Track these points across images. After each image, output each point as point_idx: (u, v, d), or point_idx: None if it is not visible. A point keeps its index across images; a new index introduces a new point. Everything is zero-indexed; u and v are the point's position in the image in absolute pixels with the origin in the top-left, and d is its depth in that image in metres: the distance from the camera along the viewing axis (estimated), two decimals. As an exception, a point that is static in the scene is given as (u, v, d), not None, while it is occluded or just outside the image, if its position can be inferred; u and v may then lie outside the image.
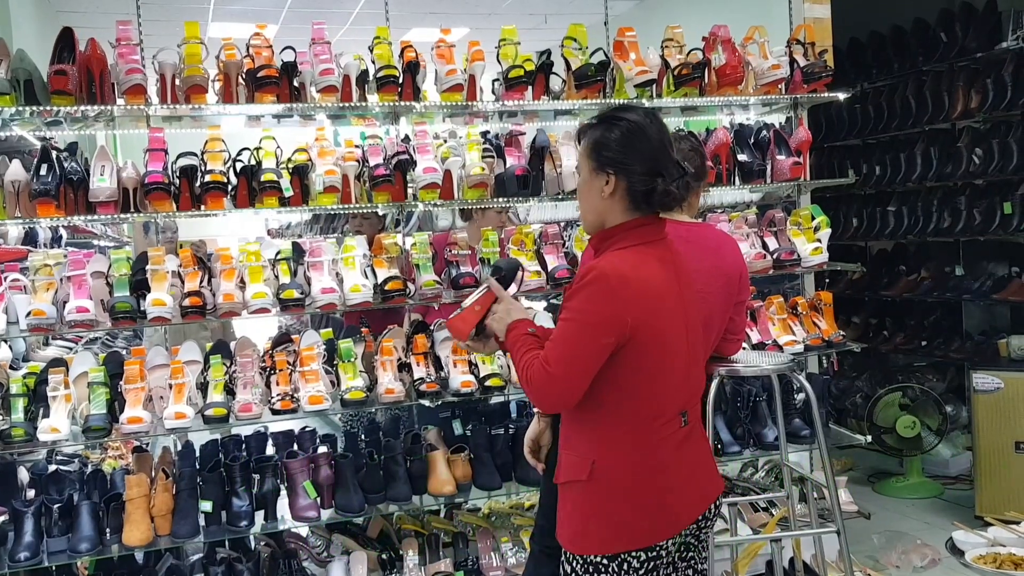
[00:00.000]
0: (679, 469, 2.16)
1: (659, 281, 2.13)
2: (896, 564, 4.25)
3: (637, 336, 2.06)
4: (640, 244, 2.14)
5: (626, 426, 2.11)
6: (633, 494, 2.10)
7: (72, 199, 3.22)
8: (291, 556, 3.44)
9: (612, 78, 3.84)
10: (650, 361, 2.10)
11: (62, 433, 3.02)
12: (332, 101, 3.46)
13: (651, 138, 2.13)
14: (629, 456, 2.11)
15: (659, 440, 2.13)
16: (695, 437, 2.25)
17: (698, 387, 2.30)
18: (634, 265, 2.10)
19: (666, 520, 2.13)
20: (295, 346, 3.42)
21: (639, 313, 2.06)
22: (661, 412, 2.13)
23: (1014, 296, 5.51)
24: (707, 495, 2.25)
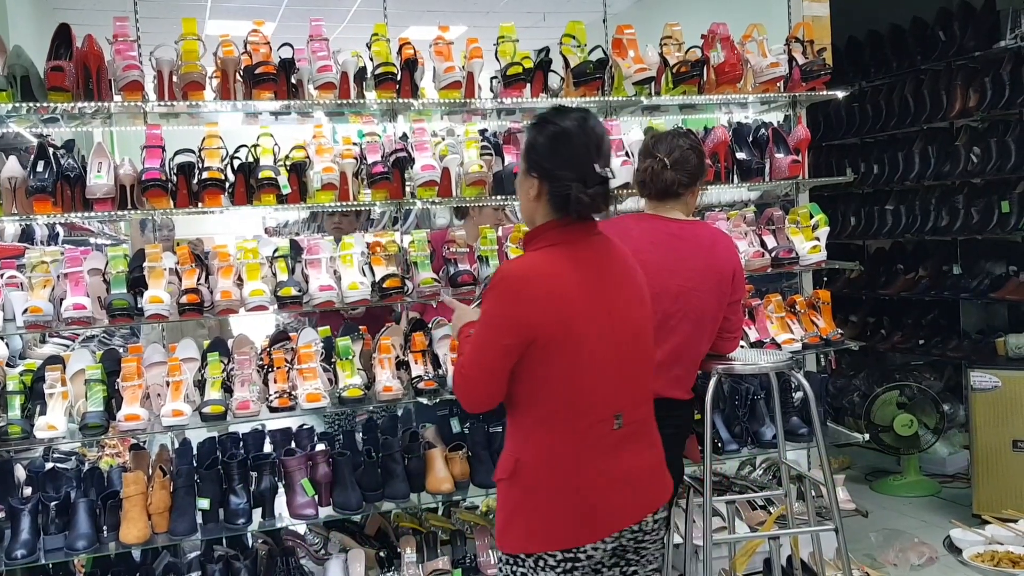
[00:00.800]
0: (607, 473, 2.12)
1: (570, 282, 2.10)
2: (894, 562, 4.25)
3: (541, 337, 2.05)
4: (556, 245, 2.14)
5: (545, 426, 2.11)
6: (551, 495, 2.10)
7: (69, 196, 3.21)
8: (289, 554, 3.43)
9: (611, 76, 3.84)
10: (562, 361, 2.08)
11: (59, 431, 3.01)
12: (330, 98, 3.45)
13: (574, 145, 2.12)
14: (548, 457, 2.11)
15: (583, 442, 2.11)
16: (638, 441, 2.20)
17: (639, 390, 2.22)
18: (541, 266, 2.11)
19: (585, 525, 2.10)
20: (293, 344, 3.41)
21: (541, 314, 2.05)
22: (583, 413, 2.11)
23: (1012, 295, 5.51)
24: (644, 504, 2.19)
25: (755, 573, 3.87)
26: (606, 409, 2.13)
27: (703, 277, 2.78)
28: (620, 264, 2.23)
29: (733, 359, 3.01)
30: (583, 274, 2.13)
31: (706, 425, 2.93)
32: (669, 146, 2.90)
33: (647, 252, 2.68)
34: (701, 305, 2.78)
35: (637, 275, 2.26)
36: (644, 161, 2.94)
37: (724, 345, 3.00)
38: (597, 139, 2.14)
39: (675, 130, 3.13)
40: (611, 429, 2.13)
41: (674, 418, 2.77)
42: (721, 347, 2.99)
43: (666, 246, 2.78)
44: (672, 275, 2.73)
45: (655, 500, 2.21)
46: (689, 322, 2.77)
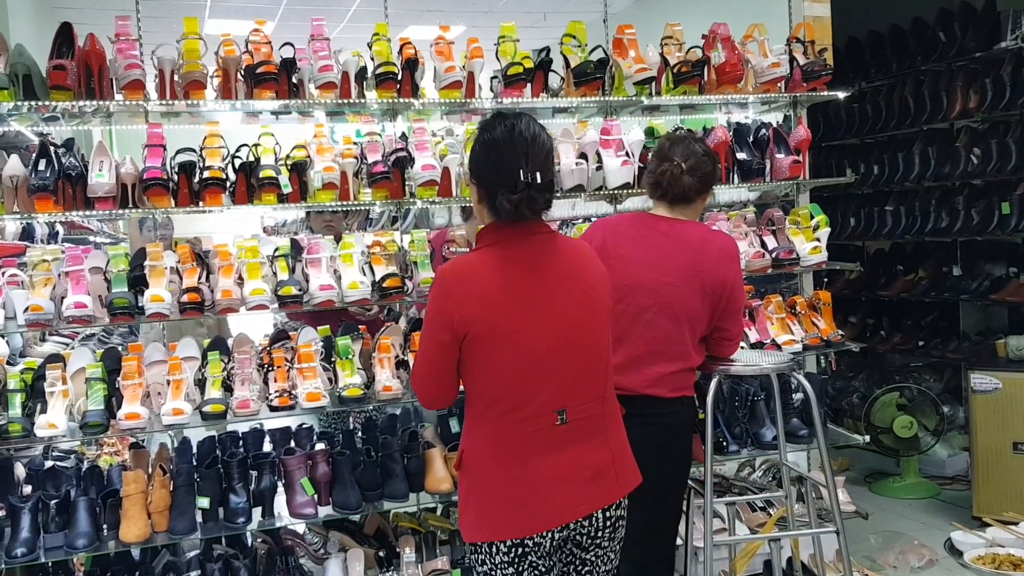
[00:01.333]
0: (551, 468, 2.16)
1: (501, 281, 2.17)
2: (894, 564, 4.25)
3: (471, 332, 2.13)
4: (494, 245, 2.21)
5: (487, 420, 2.19)
6: (496, 487, 2.17)
7: (70, 195, 3.21)
8: (288, 553, 3.43)
9: (611, 75, 3.84)
10: (495, 358, 2.15)
11: (59, 429, 3.00)
12: (331, 98, 3.45)
13: (502, 152, 2.17)
14: (492, 450, 2.18)
15: (524, 436, 2.16)
16: (587, 437, 2.23)
17: (585, 386, 2.24)
18: (475, 265, 2.19)
19: (530, 517, 2.15)
20: (293, 343, 3.41)
21: (470, 310, 2.13)
22: (520, 408, 2.15)
23: (1012, 296, 5.51)
24: (592, 499, 2.21)
25: (755, 575, 3.87)
26: (547, 406, 2.17)
27: (684, 275, 2.79)
28: (562, 264, 2.25)
29: (734, 360, 3.01)
30: (517, 274, 2.19)
31: (708, 426, 2.93)
32: (686, 151, 2.93)
33: (628, 246, 2.78)
34: (679, 300, 2.78)
35: (584, 275, 2.28)
36: (660, 164, 2.94)
37: (722, 349, 2.99)
38: (526, 145, 2.17)
39: (690, 135, 3.20)
40: (553, 425, 2.18)
41: (648, 417, 2.72)
42: (719, 351, 2.99)
43: (650, 242, 2.82)
44: (650, 270, 2.78)
45: (605, 496, 2.23)
46: (666, 317, 2.78)
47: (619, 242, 2.72)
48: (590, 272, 2.30)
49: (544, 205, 2.21)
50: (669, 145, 2.97)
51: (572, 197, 3.86)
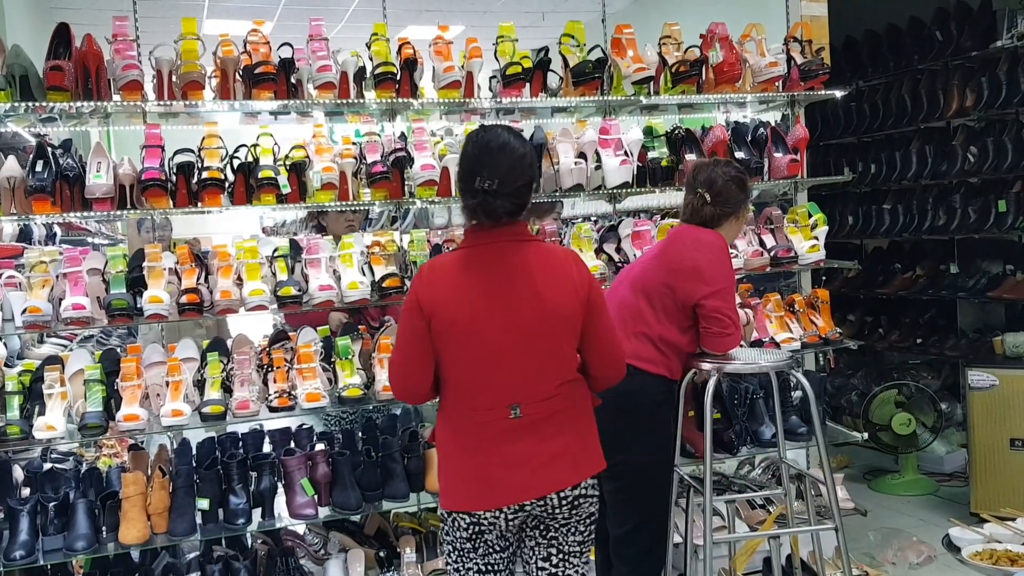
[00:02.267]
0: (504, 455, 2.34)
1: (467, 280, 2.35)
2: (892, 561, 4.26)
3: (434, 322, 2.33)
4: (465, 247, 2.42)
5: (447, 407, 2.42)
6: (456, 466, 2.40)
7: (68, 196, 3.20)
8: (288, 554, 3.43)
9: (609, 75, 3.84)
10: (455, 351, 2.34)
11: (58, 431, 3.00)
12: (329, 98, 3.45)
13: (466, 162, 2.38)
14: (453, 435, 2.40)
15: (478, 425, 2.36)
16: (539, 431, 2.36)
17: (540, 385, 2.36)
18: (447, 263, 2.41)
19: (481, 495, 2.35)
20: (292, 343, 3.40)
21: (436, 301, 2.33)
22: (476, 401, 2.35)
23: (1008, 294, 5.52)
24: (544, 483, 2.35)
25: (755, 572, 3.87)
26: (498, 400, 2.34)
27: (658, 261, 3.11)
28: (526, 270, 2.37)
29: (732, 358, 3.01)
30: (481, 275, 2.36)
31: (707, 424, 2.93)
32: (709, 177, 3.09)
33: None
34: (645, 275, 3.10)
35: (549, 283, 2.37)
36: (688, 195, 3.17)
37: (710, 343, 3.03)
38: (489, 155, 2.34)
39: (716, 159, 3.34)
40: (506, 418, 2.34)
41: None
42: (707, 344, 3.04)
43: (659, 245, 3.17)
44: (640, 262, 3.18)
45: (560, 480, 2.37)
46: (626, 286, 3.08)
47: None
48: (559, 280, 2.39)
49: (505, 211, 2.34)
50: (695, 173, 3.17)
51: (571, 196, 3.86)
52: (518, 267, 2.37)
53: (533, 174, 2.42)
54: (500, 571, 2.47)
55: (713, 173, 3.07)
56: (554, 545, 2.46)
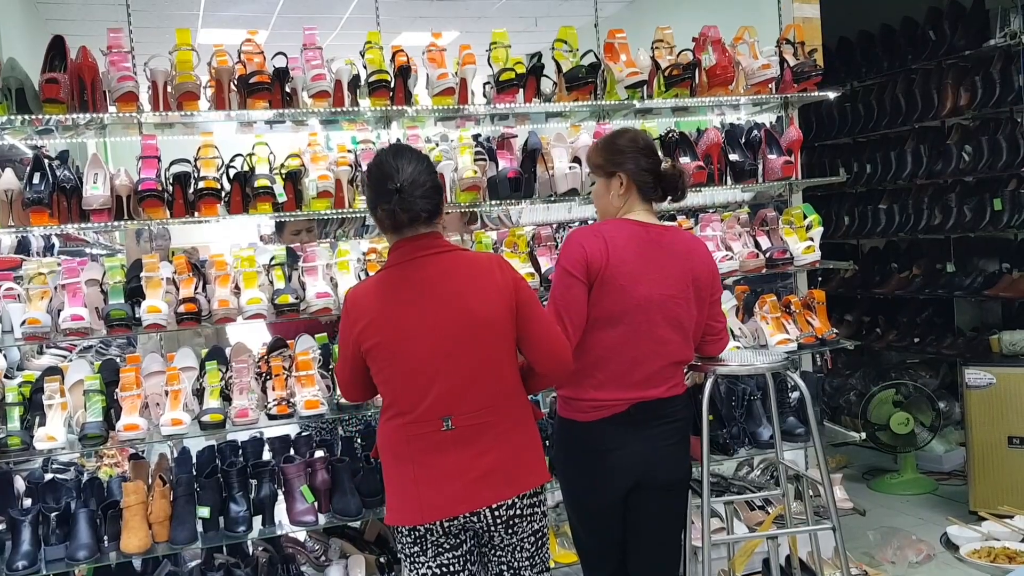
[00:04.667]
0: (436, 467, 2.39)
1: (390, 299, 2.42)
2: (891, 560, 4.27)
3: (364, 346, 2.42)
4: (388, 267, 2.48)
5: (384, 421, 2.49)
6: (391, 479, 2.48)
7: (65, 207, 3.22)
8: (289, 561, 3.44)
9: (603, 80, 3.86)
10: (385, 368, 2.42)
11: (58, 441, 3.01)
12: (324, 106, 3.47)
13: (376, 171, 2.44)
14: (386, 447, 2.49)
15: (410, 437, 2.42)
16: (475, 443, 2.40)
17: (472, 397, 2.40)
18: (369, 287, 2.50)
19: (416, 508, 2.40)
20: (290, 351, 3.42)
21: (362, 328, 2.42)
22: (407, 413, 2.41)
23: (1005, 292, 5.54)
24: (477, 497, 2.40)
25: (754, 573, 3.89)
26: (430, 412, 2.39)
27: (683, 285, 2.78)
28: (449, 281, 2.42)
29: (730, 360, 3.02)
30: (404, 292, 2.42)
31: (704, 426, 2.94)
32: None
33: (632, 263, 2.71)
34: (681, 311, 2.79)
35: (474, 291, 2.42)
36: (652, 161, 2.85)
37: (709, 348, 3.00)
38: (388, 159, 2.44)
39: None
40: (438, 430, 2.39)
41: (671, 415, 2.80)
42: (707, 350, 3.00)
43: (650, 256, 2.76)
44: (656, 285, 2.73)
45: (492, 496, 2.41)
46: (672, 329, 2.77)
47: (624, 259, 2.70)
48: (484, 287, 2.43)
49: (423, 209, 2.41)
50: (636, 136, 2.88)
51: (566, 201, 3.87)
52: (440, 279, 2.42)
53: (437, 179, 2.51)
54: (457, 570, 2.47)
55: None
56: (503, 561, 2.52)
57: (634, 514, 2.80)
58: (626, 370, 2.72)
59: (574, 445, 2.76)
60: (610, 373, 2.72)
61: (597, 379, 2.73)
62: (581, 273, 2.67)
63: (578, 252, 2.70)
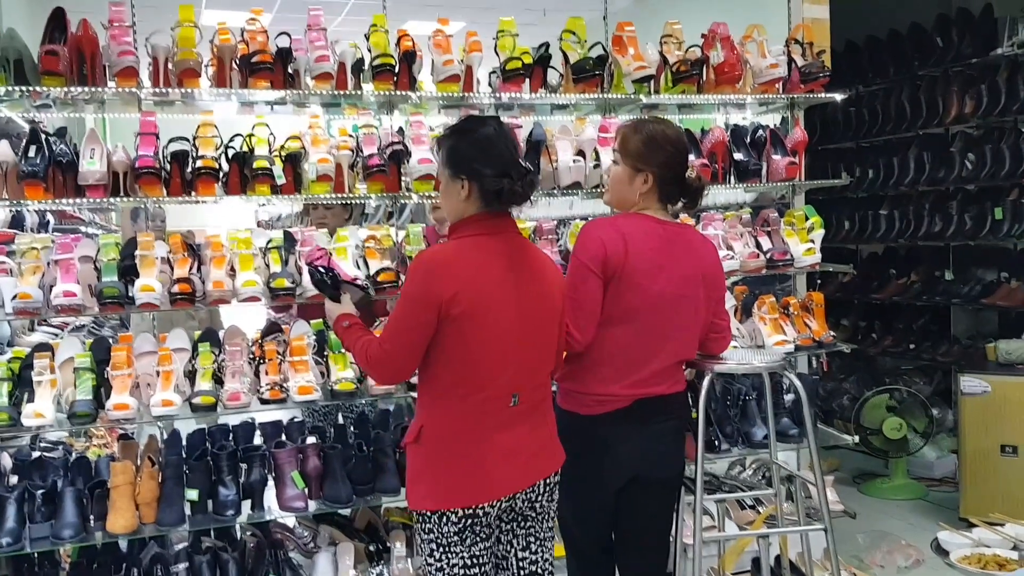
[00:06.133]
0: (501, 444, 2.39)
1: (483, 267, 2.37)
2: (881, 564, 4.26)
3: (452, 312, 2.29)
4: (481, 235, 2.40)
5: (448, 398, 2.38)
6: (451, 460, 2.38)
7: (61, 182, 3.18)
8: (277, 546, 3.41)
9: (610, 73, 3.83)
10: (469, 339, 2.33)
11: (47, 418, 2.97)
12: (327, 89, 3.43)
13: (497, 146, 2.40)
14: (450, 425, 2.38)
15: (480, 416, 2.37)
16: (531, 418, 2.46)
17: (536, 374, 2.47)
18: (460, 252, 2.38)
19: (480, 487, 2.37)
20: (285, 336, 3.38)
21: (453, 290, 2.30)
22: (482, 389, 2.36)
23: (1003, 301, 5.53)
24: (533, 472, 2.46)
25: (743, 572, 3.87)
26: (504, 388, 2.38)
27: (695, 284, 2.77)
28: (534, 259, 2.50)
29: (727, 359, 3.00)
30: (500, 262, 2.39)
31: (700, 424, 2.92)
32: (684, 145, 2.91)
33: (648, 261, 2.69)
34: (692, 311, 2.78)
35: (545, 275, 2.50)
36: (680, 157, 2.82)
37: (714, 346, 2.99)
38: (513, 140, 2.46)
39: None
40: (507, 406, 2.39)
41: (676, 411, 2.84)
42: (711, 348, 2.99)
43: (664, 253, 2.73)
44: (671, 283, 2.72)
45: (545, 469, 2.49)
46: (684, 328, 2.77)
47: (642, 256, 2.67)
48: (549, 273, 2.53)
49: (528, 195, 2.43)
50: (678, 138, 2.82)
51: (570, 194, 3.84)
52: (524, 256, 2.46)
53: None
54: (483, 563, 2.46)
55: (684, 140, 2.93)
56: (532, 533, 2.53)
57: (627, 509, 2.80)
58: (633, 366, 2.71)
59: (575, 437, 2.74)
60: (617, 369, 2.71)
61: (603, 374, 2.71)
62: (599, 268, 2.65)
63: (597, 247, 2.67)
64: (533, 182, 2.45)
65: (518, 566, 2.55)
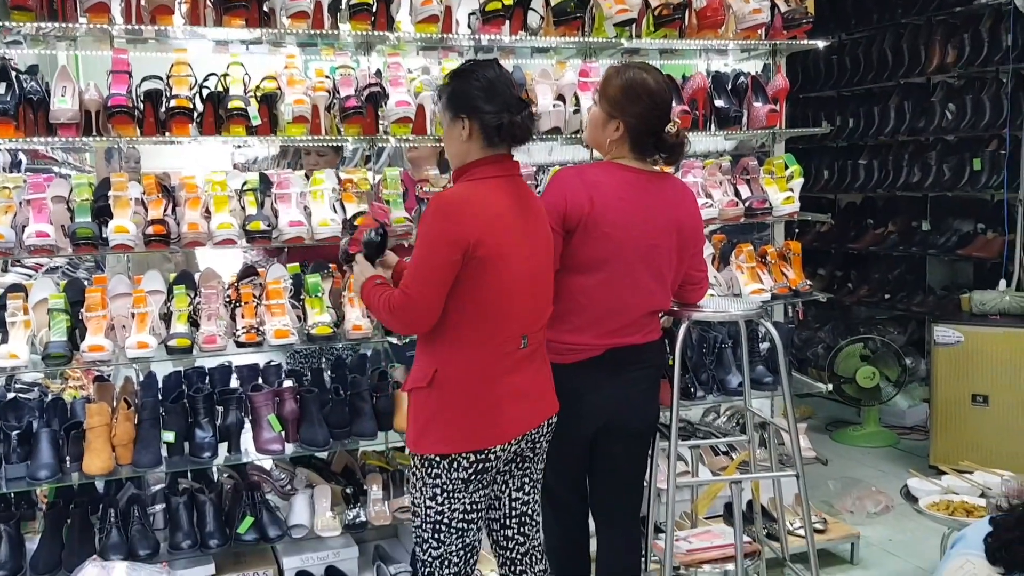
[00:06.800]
0: (512, 387, 2.43)
1: (499, 209, 2.39)
2: (851, 509, 4.35)
3: (479, 251, 2.31)
4: (490, 177, 2.42)
5: (465, 341, 2.38)
6: (466, 403, 2.39)
7: (32, 120, 3.11)
8: (254, 488, 3.43)
9: (591, 16, 3.77)
10: (490, 279, 2.34)
11: (21, 359, 2.95)
12: (303, 28, 3.36)
13: (499, 88, 2.41)
14: (466, 369, 2.39)
15: (495, 358, 2.40)
16: (534, 360, 2.52)
17: (541, 316, 2.53)
18: (477, 192, 2.39)
19: (494, 430, 2.41)
20: (261, 279, 3.36)
21: (478, 232, 2.31)
22: (498, 331, 2.39)
23: (978, 252, 5.58)
24: (538, 413, 2.53)
25: (716, 517, 3.95)
26: (517, 329, 2.42)
27: (666, 233, 2.75)
28: (535, 201, 2.55)
29: (703, 306, 3.02)
30: (511, 204, 2.42)
31: (676, 371, 2.95)
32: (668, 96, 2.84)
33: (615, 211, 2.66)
34: (663, 260, 2.77)
35: (543, 215, 2.55)
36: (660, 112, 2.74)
37: (691, 295, 3.00)
38: (512, 80, 2.49)
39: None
40: (518, 348, 2.44)
41: (649, 360, 2.84)
42: (689, 297, 3.00)
43: (634, 202, 2.70)
44: (639, 233, 2.69)
45: (547, 411, 2.57)
46: (653, 278, 2.76)
47: (609, 206, 2.65)
48: (544, 215, 2.57)
49: (529, 130, 2.46)
50: (659, 90, 2.73)
51: (549, 140, 3.81)
52: (527, 199, 2.50)
53: None
54: (482, 509, 2.50)
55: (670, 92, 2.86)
56: (527, 475, 2.60)
57: (600, 455, 2.84)
58: (604, 316, 2.71)
59: None
60: (587, 318, 2.71)
61: (574, 323, 2.71)
62: (557, 222, 2.64)
63: (558, 200, 2.66)
64: (533, 117, 2.47)
65: (510, 506, 2.60)
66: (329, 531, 3.39)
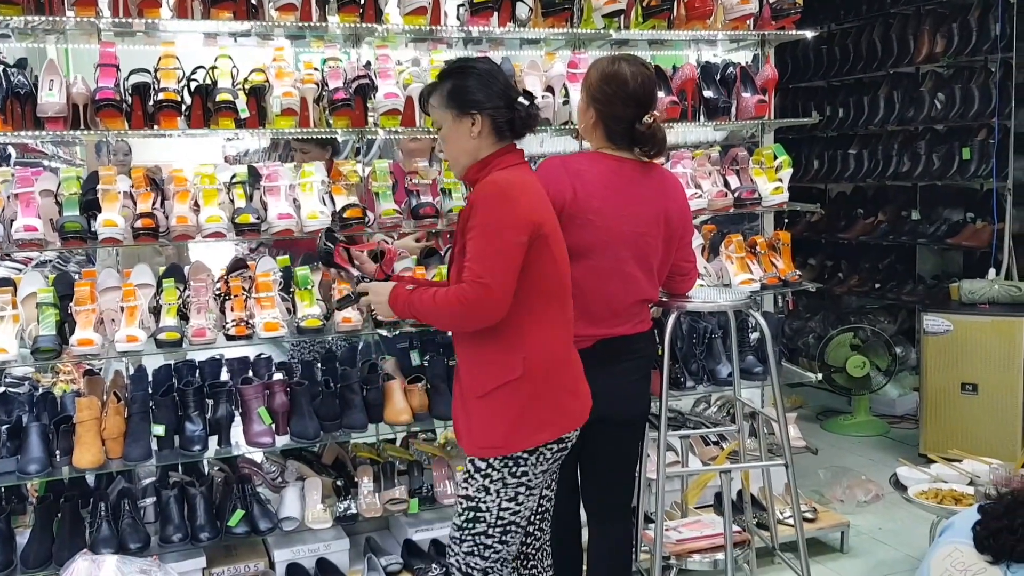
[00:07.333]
0: (579, 363, 2.50)
1: (540, 191, 2.44)
2: (841, 498, 4.37)
3: (544, 230, 2.33)
4: (515, 166, 2.43)
5: (547, 321, 2.39)
6: (558, 385, 2.40)
7: (19, 114, 3.10)
8: (245, 481, 3.43)
9: (580, 7, 3.77)
10: (554, 256, 2.38)
11: (10, 353, 2.95)
12: (291, 20, 3.35)
13: (499, 79, 2.42)
14: (552, 349, 2.40)
15: (567, 334, 2.46)
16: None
17: None
18: (518, 177, 2.39)
19: (576, 409, 2.46)
20: (251, 272, 3.36)
21: (538, 212, 2.35)
22: (567, 307, 2.45)
23: (968, 241, 5.60)
24: (589, 393, 2.54)
25: (706, 506, 3.96)
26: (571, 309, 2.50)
27: (653, 223, 2.76)
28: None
29: (692, 296, 3.03)
30: (539, 191, 2.45)
31: (665, 361, 2.96)
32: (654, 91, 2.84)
33: (599, 198, 2.67)
34: (650, 249, 2.77)
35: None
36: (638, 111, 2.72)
37: (680, 286, 3.01)
38: (503, 72, 2.50)
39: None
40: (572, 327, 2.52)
41: (638, 351, 2.83)
42: (677, 288, 3.00)
43: (619, 191, 2.70)
44: (624, 222, 2.69)
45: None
46: (640, 268, 2.76)
47: (593, 195, 2.65)
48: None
49: (536, 120, 2.52)
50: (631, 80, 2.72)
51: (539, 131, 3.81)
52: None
53: None
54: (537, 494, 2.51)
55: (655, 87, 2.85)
56: (556, 471, 2.58)
57: (591, 447, 2.82)
58: (592, 306, 2.70)
59: None
60: (576, 309, 2.71)
61: None
62: None
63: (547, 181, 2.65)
64: (538, 106, 2.51)
65: (537, 502, 2.59)
66: (320, 523, 3.40)
